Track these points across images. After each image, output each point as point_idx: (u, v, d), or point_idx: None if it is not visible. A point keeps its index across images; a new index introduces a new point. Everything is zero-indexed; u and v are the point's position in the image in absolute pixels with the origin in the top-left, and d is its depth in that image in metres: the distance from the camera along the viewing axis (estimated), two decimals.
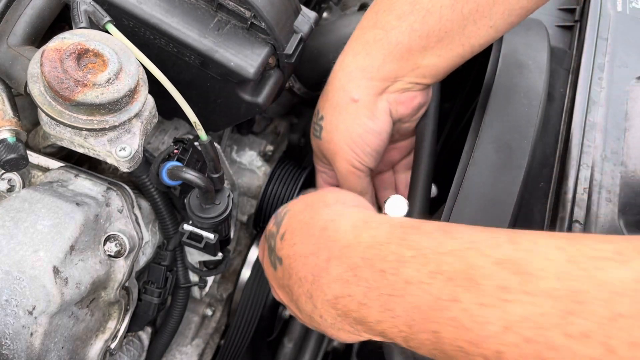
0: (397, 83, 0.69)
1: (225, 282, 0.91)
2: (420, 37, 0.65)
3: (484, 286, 0.41)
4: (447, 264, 0.44)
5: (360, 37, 0.69)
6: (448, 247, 0.45)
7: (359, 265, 0.49)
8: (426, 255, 0.45)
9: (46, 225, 0.55)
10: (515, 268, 0.40)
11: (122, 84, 0.53)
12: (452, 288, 0.42)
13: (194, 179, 0.60)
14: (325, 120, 0.72)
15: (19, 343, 0.52)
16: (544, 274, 0.39)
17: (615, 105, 0.68)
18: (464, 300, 0.41)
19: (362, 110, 0.69)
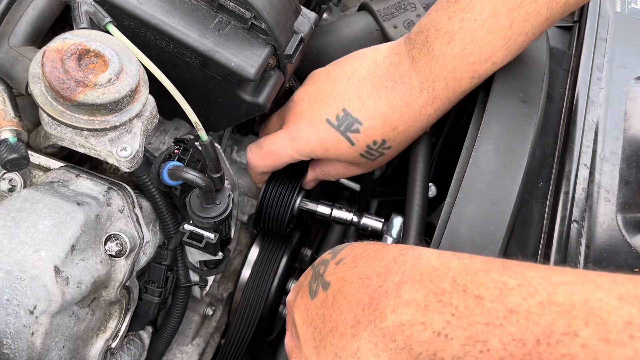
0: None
1: (225, 281, 0.91)
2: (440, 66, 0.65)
3: (608, 321, 0.36)
4: (561, 295, 0.38)
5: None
6: (559, 278, 0.40)
7: (447, 291, 0.42)
8: (535, 285, 0.40)
9: (47, 225, 0.55)
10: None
11: (123, 84, 0.53)
12: (568, 320, 0.37)
13: (195, 179, 0.60)
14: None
15: (20, 342, 0.52)
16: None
17: (614, 106, 0.68)
18: (583, 335, 0.36)
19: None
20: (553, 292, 0.38)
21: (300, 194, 0.84)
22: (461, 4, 0.62)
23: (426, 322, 0.42)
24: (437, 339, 0.41)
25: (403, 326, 0.43)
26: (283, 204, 0.83)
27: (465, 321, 0.40)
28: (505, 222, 0.58)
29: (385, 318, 0.44)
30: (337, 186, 1.10)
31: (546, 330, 0.37)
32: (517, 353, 0.38)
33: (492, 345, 0.39)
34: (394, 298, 0.44)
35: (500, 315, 0.39)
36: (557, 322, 0.37)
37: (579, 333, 0.36)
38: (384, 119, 0.66)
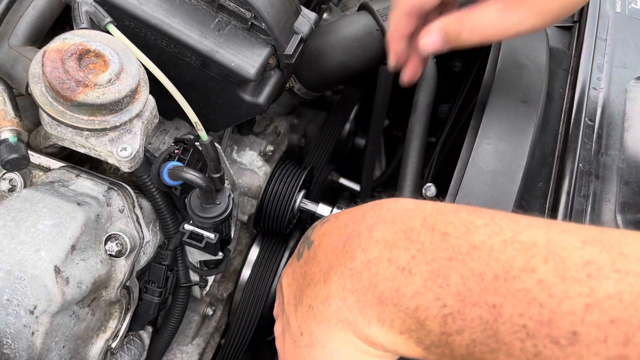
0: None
1: (225, 281, 0.91)
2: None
3: (568, 260, 0.35)
4: (525, 235, 0.38)
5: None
6: (527, 222, 0.39)
7: (416, 229, 0.42)
8: (502, 225, 0.40)
9: (47, 225, 0.55)
10: (606, 247, 0.35)
11: (123, 84, 0.53)
12: (528, 258, 0.37)
13: (195, 179, 0.60)
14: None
15: (20, 342, 0.52)
16: (639, 256, 0.34)
17: (614, 106, 0.68)
18: (540, 271, 0.36)
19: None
20: (518, 232, 0.39)
21: (300, 194, 0.84)
22: None
23: (392, 259, 0.42)
24: (401, 275, 0.41)
25: (370, 263, 0.43)
26: (283, 203, 0.83)
27: (430, 256, 0.41)
28: None
29: (355, 257, 0.44)
30: (337, 186, 1.10)
31: (505, 266, 0.37)
32: (475, 288, 0.38)
33: (452, 280, 0.39)
34: (365, 238, 0.45)
35: (464, 251, 0.39)
36: (517, 259, 0.37)
37: (536, 269, 0.36)
38: None
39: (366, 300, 0.43)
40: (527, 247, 0.37)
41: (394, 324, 0.42)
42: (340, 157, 1.08)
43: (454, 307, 0.39)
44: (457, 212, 0.42)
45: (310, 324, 0.47)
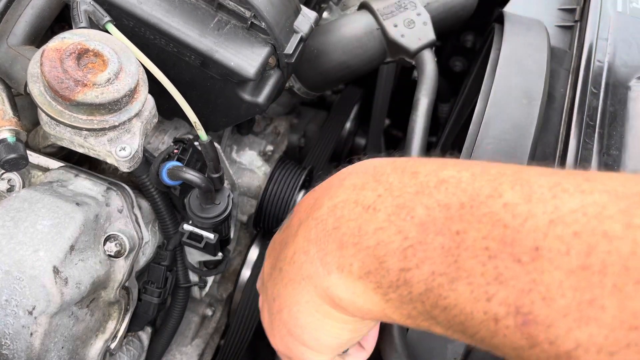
0: None
1: (225, 282, 0.91)
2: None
3: (535, 184, 0.35)
4: (495, 168, 0.38)
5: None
6: (493, 164, 0.39)
7: (386, 172, 0.42)
8: (472, 163, 0.40)
9: (46, 225, 0.55)
10: (572, 175, 0.35)
11: (122, 83, 0.53)
12: (496, 185, 0.36)
13: (194, 179, 0.60)
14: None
15: (18, 343, 0.52)
16: (606, 179, 0.34)
17: (616, 106, 0.68)
18: (507, 196, 0.35)
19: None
20: (488, 167, 0.38)
21: (300, 194, 0.84)
22: None
23: (358, 200, 0.41)
24: (365, 213, 0.40)
25: (336, 208, 0.42)
26: (283, 203, 0.83)
27: (396, 192, 0.40)
28: None
29: (322, 206, 0.43)
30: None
31: (472, 195, 0.37)
32: (439, 217, 0.37)
33: (417, 212, 0.38)
34: (336, 188, 0.44)
35: (431, 185, 0.39)
36: (484, 188, 0.36)
37: (503, 194, 0.35)
38: None
39: (327, 247, 0.42)
40: (495, 177, 0.37)
41: (352, 268, 0.41)
42: (340, 157, 1.08)
43: (415, 239, 0.37)
44: (428, 159, 0.42)
45: (279, 287, 0.47)
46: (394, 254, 0.38)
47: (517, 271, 0.33)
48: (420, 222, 0.38)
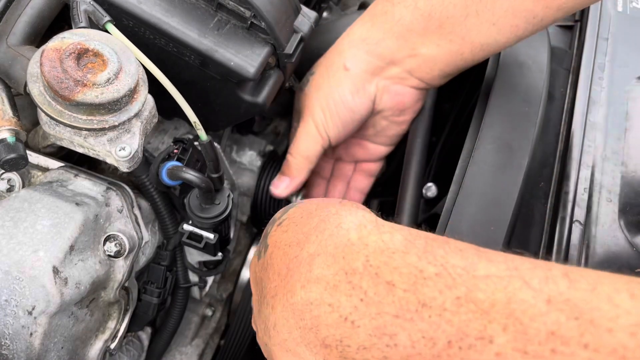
0: (392, 69, 0.69)
1: (225, 282, 0.91)
2: (422, 16, 0.64)
3: (530, 329, 0.31)
4: (482, 292, 0.34)
5: (372, 7, 0.69)
6: (484, 270, 0.35)
7: (358, 271, 0.39)
8: (455, 276, 0.35)
9: (46, 225, 0.55)
10: (574, 312, 0.31)
11: (121, 83, 0.52)
12: (484, 323, 0.33)
13: (194, 179, 0.60)
14: (314, 76, 0.73)
15: (18, 343, 0.52)
16: (611, 325, 0.30)
17: (616, 105, 0.68)
18: (499, 342, 0.32)
19: (348, 82, 0.69)
20: (474, 286, 0.34)
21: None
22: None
23: (333, 304, 0.39)
24: (344, 325, 0.38)
25: (311, 305, 0.40)
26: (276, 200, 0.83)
27: (374, 309, 0.37)
28: (505, 222, 0.57)
29: (295, 293, 0.41)
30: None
31: (459, 332, 0.33)
32: (426, 353, 0.34)
33: (400, 340, 0.35)
34: (305, 272, 0.41)
35: (412, 308, 0.35)
36: (472, 324, 0.33)
37: (494, 339, 0.32)
38: None
39: (310, 340, 0.40)
40: (484, 309, 0.33)
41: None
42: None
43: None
44: (404, 254, 0.38)
45: (268, 341, 0.46)
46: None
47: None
48: (405, 354, 0.35)
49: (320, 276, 0.40)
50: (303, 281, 0.41)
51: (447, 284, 0.35)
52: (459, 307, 0.34)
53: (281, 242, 0.46)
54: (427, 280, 0.36)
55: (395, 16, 0.66)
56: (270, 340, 0.45)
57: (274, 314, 0.43)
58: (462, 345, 0.33)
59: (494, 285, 0.34)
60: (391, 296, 0.36)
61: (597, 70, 0.71)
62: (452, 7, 0.62)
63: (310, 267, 0.41)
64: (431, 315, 0.35)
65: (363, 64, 0.68)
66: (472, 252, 0.37)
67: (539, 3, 0.61)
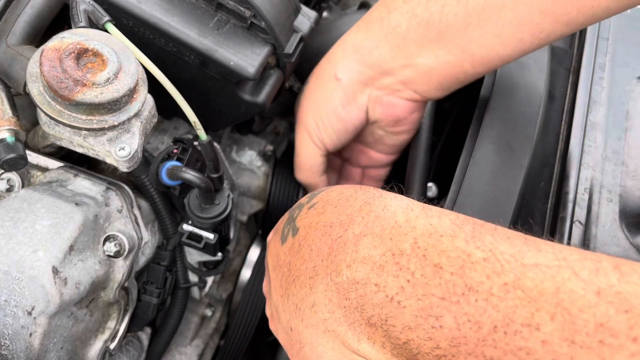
0: (385, 79, 0.66)
1: (225, 282, 0.91)
2: (419, 24, 0.60)
3: (579, 320, 0.31)
4: (531, 280, 0.34)
5: (368, 14, 0.66)
6: (532, 259, 0.35)
7: (406, 253, 0.39)
8: (503, 262, 0.35)
9: (45, 226, 0.55)
10: (624, 305, 0.31)
11: (121, 83, 0.52)
12: (532, 310, 0.33)
13: (194, 179, 0.60)
14: (308, 86, 0.71)
15: (18, 343, 0.52)
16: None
17: (616, 105, 0.68)
18: (546, 330, 0.32)
19: (339, 93, 0.67)
20: (522, 274, 0.34)
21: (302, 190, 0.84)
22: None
23: (380, 284, 0.39)
24: (390, 305, 0.38)
25: (357, 284, 0.40)
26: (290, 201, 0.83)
27: (420, 291, 0.37)
28: (506, 222, 0.57)
29: (341, 273, 0.41)
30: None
31: (505, 317, 0.33)
32: (471, 336, 0.34)
33: (446, 322, 0.35)
34: (351, 252, 0.41)
35: (459, 292, 0.35)
36: (519, 310, 0.33)
37: (541, 327, 0.32)
38: None
39: (355, 319, 0.41)
40: (531, 297, 0.33)
41: (385, 346, 0.40)
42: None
43: (447, 351, 0.35)
44: (452, 237, 0.38)
45: (298, 324, 0.46)
46: (427, 355, 0.37)
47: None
48: (451, 336, 0.35)
49: (367, 256, 0.40)
50: (349, 261, 0.41)
51: (494, 270, 0.35)
52: (506, 293, 0.34)
53: (318, 223, 0.45)
54: (474, 264, 0.36)
55: (391, 23, 0.62)
56: (302, 322, 0.45)
57: (314, 294, 0.43)
58: (508, 331, 0.33)
59: (543, 274, 0.34)
60: (438, 278, 0.36)
61: (597, 70, 0.71)
62: (452, 16, 0.59)
63: (356, 247, 0.41)
64: (477, 299, 0.35)
65: (354, 74, 0.66)
66: (520, 240, 0.37)
67: (547, 17, 0.56)
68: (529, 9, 0.56)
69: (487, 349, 0.34)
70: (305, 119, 0.71)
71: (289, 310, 0.46)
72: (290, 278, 0.46)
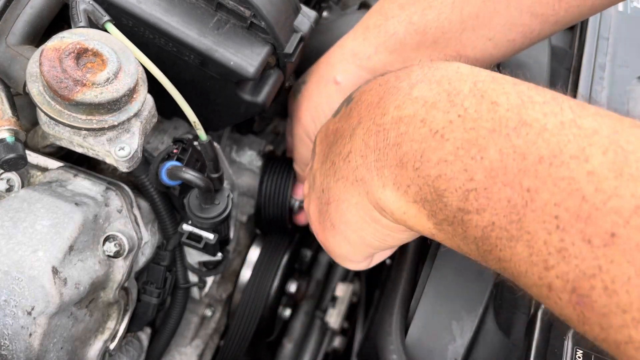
0: None
1: (224, 282, 0.91)
2: (416, 31, 0.62)
3: (632, 156, 0.30)
4: (589, 121, 0.33)
5: (365, 20, 0.68)
6: (594, 109, 0.34)
7: (462, 93, 0.37)
8: (564, 106, 0.34)
9: (45, 226, 0.55)
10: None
11: (121, 83, 0.52)
12: (584, 145, 0.32)
13: (194, 179, 0.60)
14: (306, 85, 0.73)
15: (17, 343, 0.52)
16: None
17: (617, 105, 0.68)
18: (595, 162, 0.31)
19: (339, 96, 0.68)
20: (581, 116, 0.33)
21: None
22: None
23: (426, 120, 0.38)
24: (431, 138, 0.37)
25: (401, 121, 0.39)
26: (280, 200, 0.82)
27: (470, 124, 0.36)
28: None
29: (387, 113, 0.40)
30: None
31: (555, 149, 0.32)
32: (512, 166, 0.33)
33: (488, 153, 0.34)
34: (404, 94, 0.40)
35: (511, 125, 0.34)
36: (570, 144, 0.32)
37: (590, 159, 0.31)
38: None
39: (386, 160, 0.40)
40: (586, 134, 0.32)
41: (409, 190, 0.39)
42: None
43: (481, 183, 0.34)
44: (515, 84, 0.37)
45: (330, 181, 0.46)
46: (455, 191, 0.36)
47: (585, 252, 0.30)
48: (490, 167, 0.34)
49: (419, 96, 0.39)
50: (399, 102, 0.40)
51: (553, 110, 0.34)
52: (561, 129, 0.33)
53: (374, 85, 0.44)
54: (534, 104, 0.35)
55: (388, 30, 0.64)
56: (334, 177, 0.44)
57: (351, 143, 0.43)
58: (554, 162, 0.32)
59: (602, 119, 0.33)
60: (492, 113, 0.35)
61: (597, 70, 0.71)
62: (448, 23, 0.60)
63: (410, 90, 0.40)
64: (529, 133, 0.34)
65: (354, 78, 0.67)
66: (583, 102, 0.36)
67: (536, 18, 0.59)
68: (519, 12, 0.58)
69: (526, 179, 0.33)
70: (303, 118, 0.72)
71: (325, 170, 0.46)
72: (334, 140, 0.46)
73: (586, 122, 0.33)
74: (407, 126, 0.39)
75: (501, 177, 0.34)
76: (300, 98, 0.73)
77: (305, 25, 0.67)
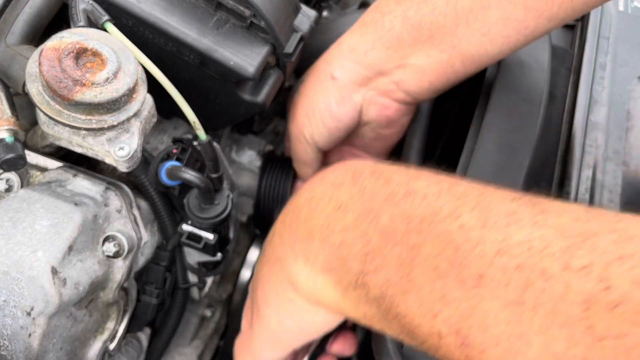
0: (379, 79, 0.68)
1: (224, 282, 0.91)
2: (412, 26, 0.63)
3: (494, 210, 0.36)
4: (461, 188, 0.39)
5: (362, 17, 0.69)
6: (460, 182, 0.41)
7: (364, 175, 0.44)
8: (443, 179, 0.41)
9: (44, 226, 0.55)
10: (532, 202, 0.36)
11: (120, 83, 0.52)
12: (456, 205, 0.38)
13: (193, 179, 0.60)
14: (303, 83, 0.73)
15: (17, 344, 0.52)
16: (561, 212, 0.34)
17: (617, 105, 0.68)
18: (465, 218, 0.37)
19: (335, 91, 0.69)
20: (456, 185, 0.40)
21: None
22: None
23: (333, 197, 0.44)
24: (336, 212, 0.43)
25: (312, 200, 0.45)
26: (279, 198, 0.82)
27: (368, 196, 0.42)
28: None
29: (302, 195, 0.47)
30: None
31: (434, 211, 0.38)
32: (401, 228, 0.39)
33: (382, 219, 0.40)
34: (317, 182, 0.47)
35: (400, 194, 0.40)
36: (446, 206, 0.38)
37: (461, 216, 0.37)
38: None
39: (298, 236, 0.45)
40: (458, 197, 0.38)
41: (317, 261, 0.43)
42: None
43: (376, 245, 0.39)
44: (405, 169, 0.44)
45: (259, 268, 0.51)
46: (355, 256, 0.41)
47: (461, 294, 0.34)
48: (383, 230, 0.40)
49: (328, 180, 0.46)
50: (312, 187, 0.47)
51: (434, 181, 0.41)
52: (438, 196, 0.39)
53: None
54: (419, 178, 0.42)
55: (385, 26, 0.65)
56: (261, 262, 0.50)
57: (275, 226, 0.49)
58: (433, 221, 0.38)
59: (473, 187, 0.39)
60: (386, 187, 0.42)
61: (598, 69, 0.70)
62: (443, 17, 0.62)
63: (323, 178, 0.47)
64: (414, 200, 0.40)
65: (351, 74, 0.68)
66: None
67: (530, 13, 0.60)
68: (513, 7, 0.60)
69: (411, 237, 0.38)
70: (298, 115, 0.73)
71: (259, 262, 0.52)
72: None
73: (460, 189, 0.39)
74: (317, 203, 0.45)
75: (392, 237, 0.39)
76: (297, 96, 0.73)
77: (305, 25, 0.66)
